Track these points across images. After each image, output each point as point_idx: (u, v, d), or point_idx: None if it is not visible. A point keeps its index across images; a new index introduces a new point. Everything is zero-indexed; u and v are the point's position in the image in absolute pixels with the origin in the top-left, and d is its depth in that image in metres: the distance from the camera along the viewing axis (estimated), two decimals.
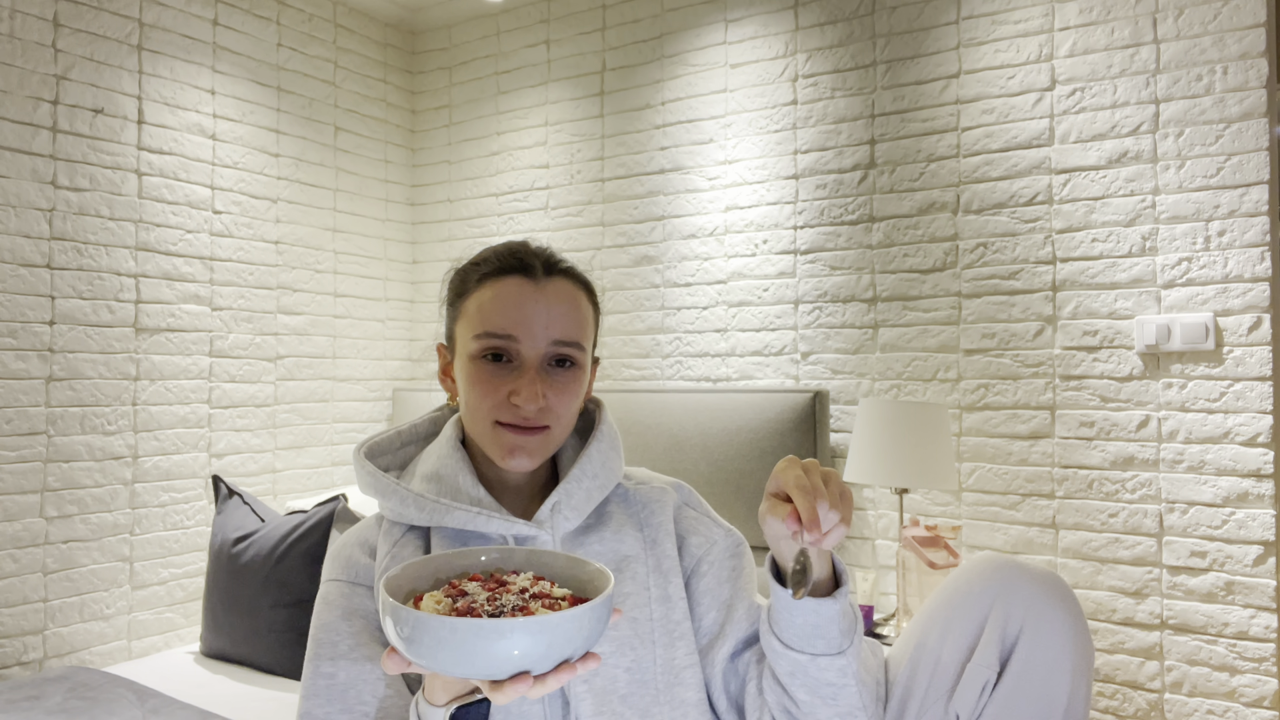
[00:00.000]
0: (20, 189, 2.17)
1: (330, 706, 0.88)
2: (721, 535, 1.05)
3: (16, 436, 2.16)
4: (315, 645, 0.93)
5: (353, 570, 0.97)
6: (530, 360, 0.93)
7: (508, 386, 0.93)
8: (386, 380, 3.13)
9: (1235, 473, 1.92)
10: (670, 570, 1.00)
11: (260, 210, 2.72)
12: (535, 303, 0.94)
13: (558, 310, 0.95)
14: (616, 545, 0.99)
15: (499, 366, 0.94)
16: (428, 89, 3.24)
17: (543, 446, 0.95)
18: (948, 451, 2.05)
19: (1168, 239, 2.01)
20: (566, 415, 0.96)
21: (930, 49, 2.30)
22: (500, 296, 0.94)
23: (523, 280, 0.95)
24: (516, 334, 0.93)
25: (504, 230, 3.03)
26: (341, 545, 1.01)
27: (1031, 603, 0.89)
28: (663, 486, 1.08)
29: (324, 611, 0.95)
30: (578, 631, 0.66)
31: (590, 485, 0.99)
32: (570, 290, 0.98)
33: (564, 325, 0.95)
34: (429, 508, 0.94)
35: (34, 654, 2.19)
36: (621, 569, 0.98)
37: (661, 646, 0.95)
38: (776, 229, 2.50)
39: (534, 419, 0.93)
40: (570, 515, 0.97)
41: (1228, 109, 1.94)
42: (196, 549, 2.53)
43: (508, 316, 0.93)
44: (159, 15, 2.46)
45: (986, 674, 0.89)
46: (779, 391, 2.32)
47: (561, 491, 0.97)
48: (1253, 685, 1.90)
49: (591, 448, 1.01)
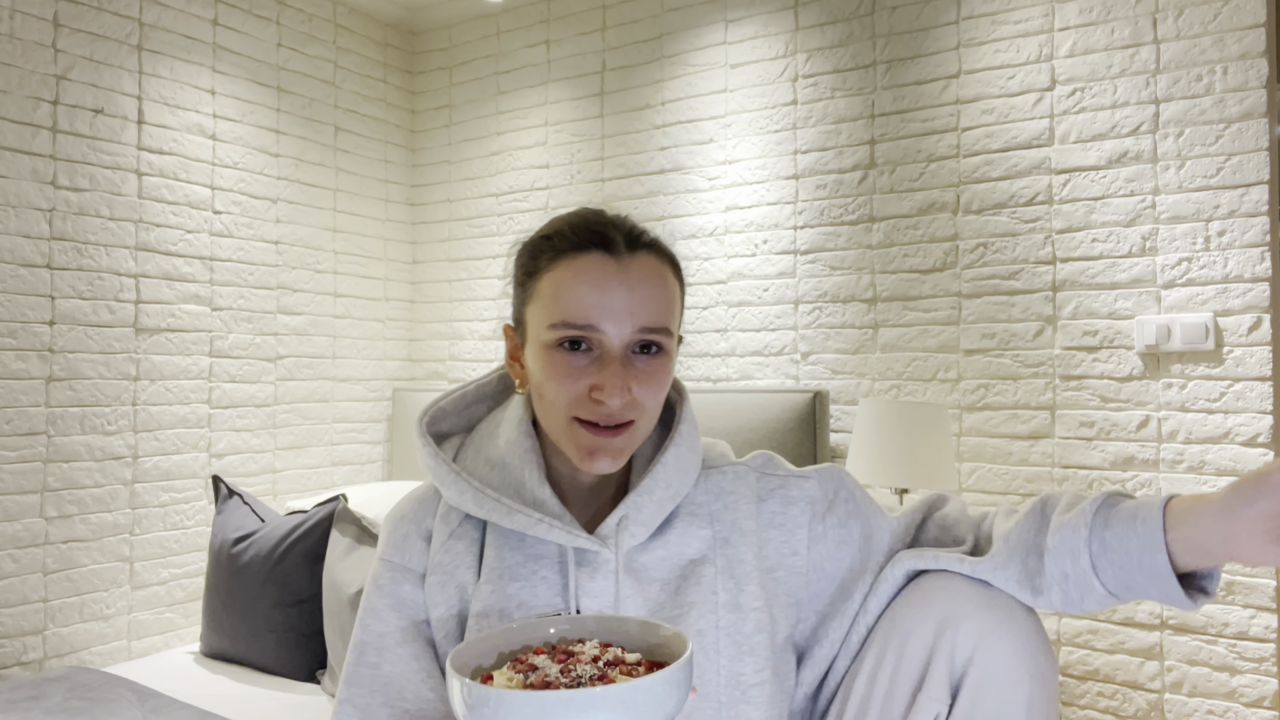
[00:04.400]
0: (20, 189, 2.17)
1: (372, 698, 0.86)
2: (814, 486, 0.95)
3: (16, 436, 2.16)
4: (362, 631, 0.89)
5: (404, 553, 0.92)
6: (614, 350, 0.83)
7: (588, 379, 0.83)
8: (386, 380, 3.13)
9: (1235, 473, 1.92)
10: (744, 576, 0.90)
11: (260, 210, 2.72)
12: (619, 285, 0.83)
13: (643, 292, 0.84)
14: (682, 549, 0.90)
15: (577, 355, 0.84)
16: (428, 89, 3.24)
17: (627, 445, 0.86)
18: (948, 451, 2.05)
19: (1168, 239, 2.01)
20: (653, 407, 0.86)
21: (930, 49, 2.30)
22: (579, 278, 0.83)
23: (604, 258, 0.84)
24: (598, 323, 0.82)
25: (504, 230, 3.03)
26: (399, 519, 0.94)
27: (979, 631, 0.79)
28: (740, 468, 0.97)
29: (373, 595, 0.90)
30: (667, 695, 0.63)
31: (663, 496, 0.89)
32: (656, 267, 0.87)
33: (651, 309, 0.84)
34: (488, 505, 0.88)
35: (34, 654, 2.19)
36: (687, 575, 0.89)
37: (728, 658, 0.86)
38: (776, 229, 2.50)
39: (618, 415, 0.83)
40: (637, 531, 0.88)
41: (1228, 109, 1.94)
42: (196, 549, 2.53)
43: (588, 302, 0.83)
44: (159, 15, 2.46)
45: (937, 707, 0.81)
46: (779, 392, 2.32)
47: (630, 504, 0.88)
48: (1253, 685, 1.90)
49: (668, 453, 0.91)
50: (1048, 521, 0.84)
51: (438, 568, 0.90)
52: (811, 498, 0.95)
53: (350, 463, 2.99)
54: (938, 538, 0.94)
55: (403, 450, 3.03)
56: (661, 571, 0.89)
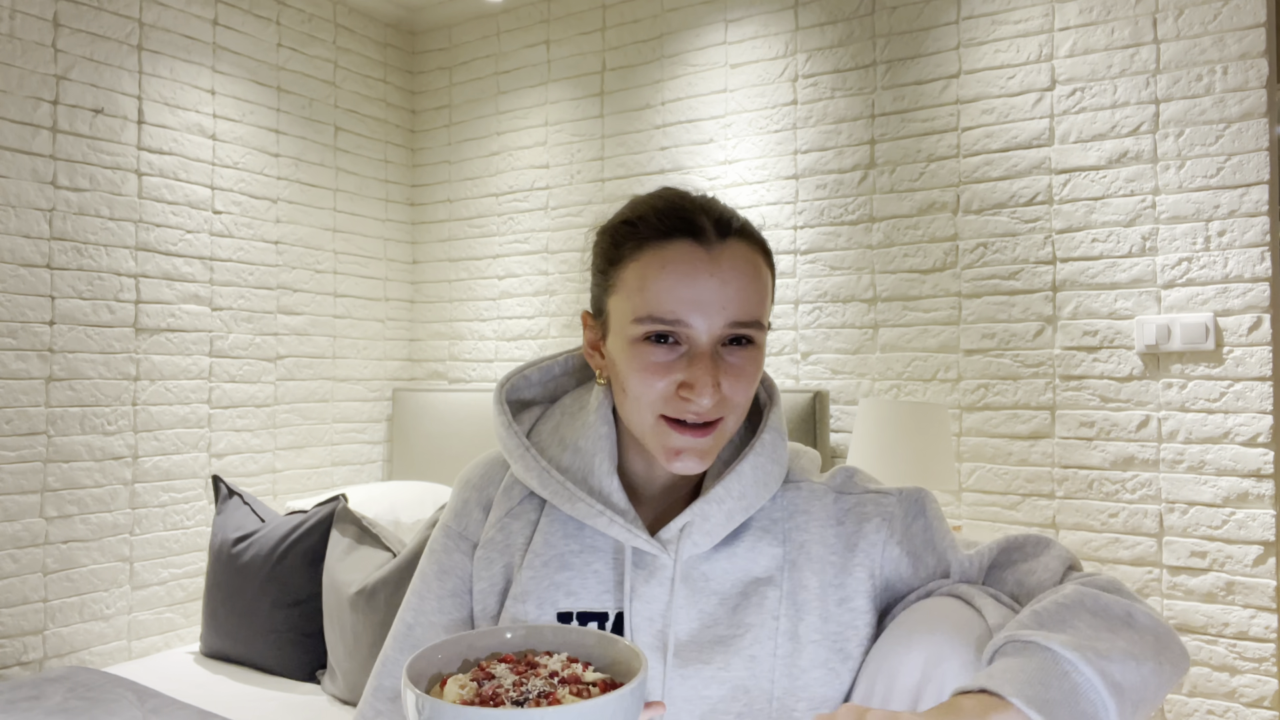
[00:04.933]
0: (20, 189, 2.17)
1: (401, 655, 0.89)
2: (894, 503, 0.88)
3: (16, 436, 2.16)
4: (410, 594, 0.92)
5: (462, 520, 0.92)
6: (704, 345, 0.79)
7: (677, 375, 0.79)
8: (386, 380, 3.13)
9: (1235, 473, 1.92)
10: (806, 605, 0.84)
11: (260, 210, 2.72)
12: (710, 276, 0.78)
13: (736, 284, 0.79)
14: (748, 565, 0.85)
15: (665, 350, 0.79)
16: (428, 89, 3.24)
17: (715, 445, 0.82)
18: (948, 451, 2.05)
19: (1168, 239, 2.01)
20: (742, 403, 0.82)
21: (930, 49, 2.30)
22: (667, 269, 0.79)
23: (693, 247, 0.79)
24: (688, 317, 0.78)
25: (504, 230, 3.03)
26: (464, 484, 0.94)
27: (965, 670, 0.75)
28: (819, 487, 0.90)
29: (428, 560, 0.92)
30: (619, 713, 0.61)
31: (734, 506, 0.84)
32: (748, 256, 0.81)
33: (743, 302, 0.79)
34: (552, 486, 0.85)
35: (34, 654, 2.19)
36: (748, 594, 0.84)
37: (781, 690, 0.81)
38: (776, 229, 2.50)
39: (707, 413, 0.80)
40: (700, 540, 0.83)
41: (1228, 109, 1.94)
42: (196, 549, 2.53)
43: (677, 296, 0.78)
44: (159, 15, 2.46)
45: None
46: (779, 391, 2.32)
47: (696, 511, 0.83)
48: (1253, 685, 1.90)
49: (746, 461, 0.85)
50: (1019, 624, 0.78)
51: (490, 543, 0.90)
52: (889, 514, 0.88)
53: (350, 463, 2.99)
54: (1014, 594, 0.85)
55: (403, 450, 3.03)
56: (723, 585, 0.84)
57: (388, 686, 0.89)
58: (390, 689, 0.89)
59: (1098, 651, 0.69)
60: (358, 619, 1.92)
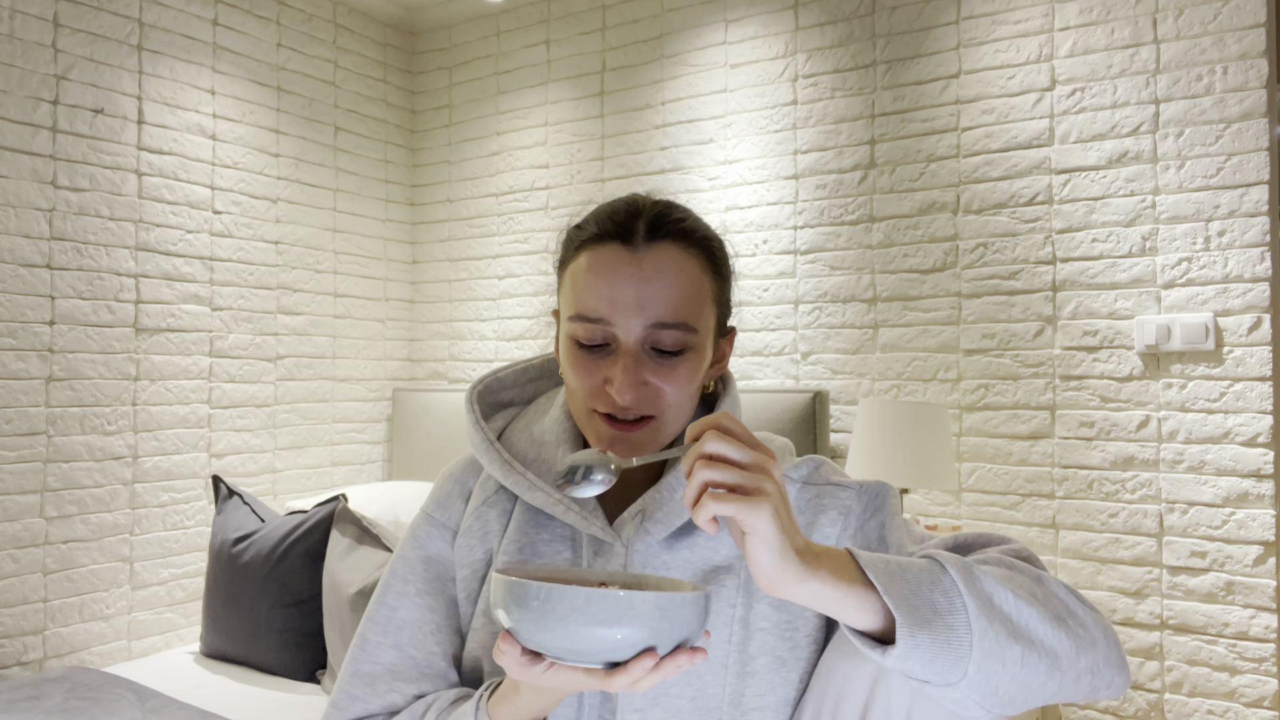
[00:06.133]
0: (20, 189, 2.17)
1: (384, 638, 0.89)
2: (851, 497, 0.88)
3: (16, 436, 2.16)
4: (390, 573, 0.93)
5: (444, 509, 0.95)
6: (628, 344, 0.82)
7: (603, 373, 0.82)
8: (386, 380, 3.13)
9: (1235, 473, 1.92)
10: (757, 593, 0.85)
11: (260, 210, 2.72)
12: (628, 279, 0.81)
13: (656, 285, 0.81)
14: (708, 554, 0.86)
15: (594, 350, 0.83)
16: (428, 89, 3.24)
17: (647, 440, 0.83)
18: (948, 451, 2.05)
19: (1168, 239, 2.01)
20: (678, 402, 0.83)
21: (930, 49, 2.30)
22: (593, 270, 0.83)
23: (618, 249, 0.83)
24: (608, 316, 0.81)
25: (504, 230, 3.03)
26: (446, 476, 0.97)
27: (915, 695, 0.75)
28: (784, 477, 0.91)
29: (408, 544, 0.94)
30: (697, 614, 0.65)
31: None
32: (675, 258, 0.83)
33: (664, 304, 0.81)
34: (513, 477, 0.89)
35: (34, 654, 2.19)
36: (708, 582, 0.86)
37: (733, 675, 0.84)
38: (776, 229, 2.50)
39: (633, 409, 0.82)
40: (654, 528, 0.84)
41: (1228, 109, 1.94)
42: (196, 549, 2.53)
43: (598, 294, 0.82)
44: (159, 15, 2.46)
45: None
46: (779, 391, 2.32)
47: (650, 499, 0.85)
48: (1253, 685, 1.90)
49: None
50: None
51: (469, 531, 0.92)
52: (846, 508, 0.88)
53: (350, 463, 2.99)
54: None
55: (403, 450, 3.03)
56: (684, 574, 0.86)
57: (366, 672, 0.89)
58: (368, 674, 0.89)
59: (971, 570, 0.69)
60: (358, 619, 1.92)
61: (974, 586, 0.67)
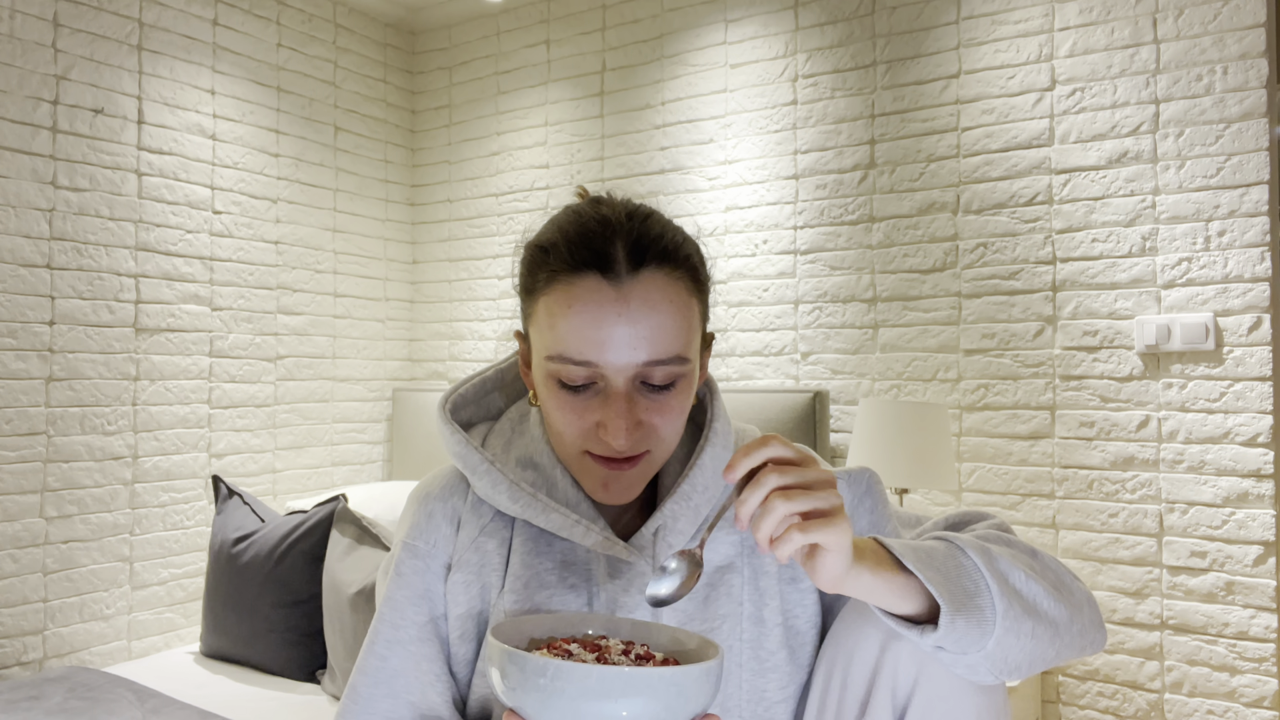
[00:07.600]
0: (20, 189, 2.17)
1: (376, 690, 0.83)
2: (842, 486, 0.87)
3: (16, 436, 2.16)
4: (379, 621, 0.85)
5: (429, 536, 0.86)
6: (618, 385, 0.76)
7: (594, 416, 0.77)
8: (386, 380, 3.13)
9: (1235, 473, 1.92)
10: (767, 590, 0.85)
11: (260, 210, 2.72)
12: (618, 317, 0.74)
13: (648, 323, 0.75)
14: (710, 557, 0.85)
15: (580, 392, 0.78)
16: (428, 89, 3.24)
17: (642, 474, 0.81)
18: (948, 452, 2.05)
19: (1168, 239, 2.01)
20: (670, 433, 0.80)
21: (930, 49, 2.30)
22: (573, 309, 0.75)
23: (599, 283, 0.75)
24: (597, 359, 0.75)
25: (504, 230, 3.03)
26: (424, 498, 0.89)
27: (922, 660, 0.75)
28: None
29: (395, 585, 0.85)
30: (712, 684, 0.63)
31: (700, 501, 0.84)
32: (663, 288, 0.76)
33: (655, 342, 0.75)
34: (523, 500, 0.83)
35: (34, 654, 2.19)
36: (715, 584, 0.84)
37: (750, 673, 0.83)
38: (776, 229, 2.50)
39: (627, 450, 0.77)
40: (675, 540, 0.83)
41: (1228, 109, 1.94)
42: (196, 549, 2.54)
43: (584, 338, 0.74)
44: (159, 15, 2.46)
45: None
46: (779, 392, 2.32)
47: (667, 514, 0.83)
48: (1253, 685, 1.90)
49: (704, 455, 0.85)
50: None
51: (465, 565, 0.86)
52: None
53: (350, 463, 2.99)
54: None
55: (403, 450, 3.03)
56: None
57: None
58: None
59: (988, 552, 0.73)
60: (358, 619, 1.92)
61: (993, 568, 0.71)
